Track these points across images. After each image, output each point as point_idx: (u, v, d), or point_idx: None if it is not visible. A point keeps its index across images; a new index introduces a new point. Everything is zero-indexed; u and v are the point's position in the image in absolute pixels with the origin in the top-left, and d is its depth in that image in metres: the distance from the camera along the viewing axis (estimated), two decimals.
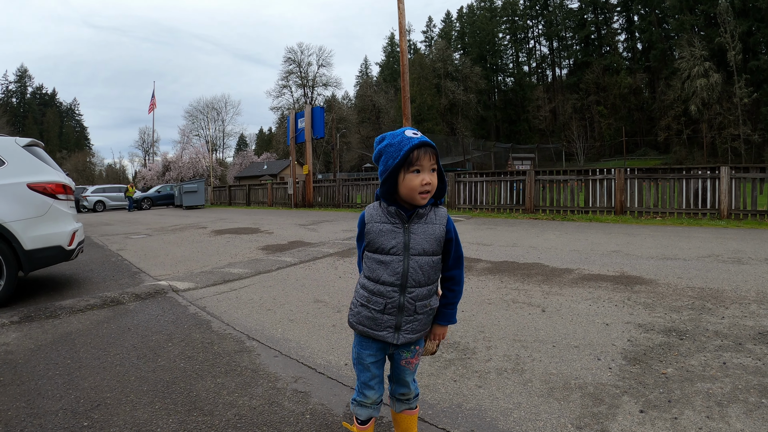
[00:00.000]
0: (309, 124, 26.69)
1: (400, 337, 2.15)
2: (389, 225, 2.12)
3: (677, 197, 14.34)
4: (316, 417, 2.81)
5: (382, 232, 2.12)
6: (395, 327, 2.14)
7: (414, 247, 2.10)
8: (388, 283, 2.11)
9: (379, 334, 2.15)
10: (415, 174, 2.04)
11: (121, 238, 13.26)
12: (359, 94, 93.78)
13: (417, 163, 2.03)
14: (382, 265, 2.12)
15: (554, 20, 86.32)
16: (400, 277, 2.10)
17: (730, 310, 4.61)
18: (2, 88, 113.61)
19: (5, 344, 4.31)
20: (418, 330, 2.18)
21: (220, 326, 4.74)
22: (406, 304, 2.12)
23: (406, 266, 2.10)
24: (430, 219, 2.13)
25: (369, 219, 2.17)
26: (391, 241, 2.10)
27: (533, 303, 5.14)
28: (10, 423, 2.82)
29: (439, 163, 2.10)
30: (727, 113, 53.94)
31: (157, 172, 64.01)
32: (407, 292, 2.12)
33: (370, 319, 2.16)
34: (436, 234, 2.12)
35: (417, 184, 2.03)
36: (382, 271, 2.12)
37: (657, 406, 2.76)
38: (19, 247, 5.78)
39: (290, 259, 8.45)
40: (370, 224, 2.16)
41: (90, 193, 38.35)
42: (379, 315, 2.14)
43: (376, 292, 2.14)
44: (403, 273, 2.10)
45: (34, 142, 6.60)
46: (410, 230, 2.11)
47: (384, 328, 2.14)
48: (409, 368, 2.26)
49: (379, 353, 2.23)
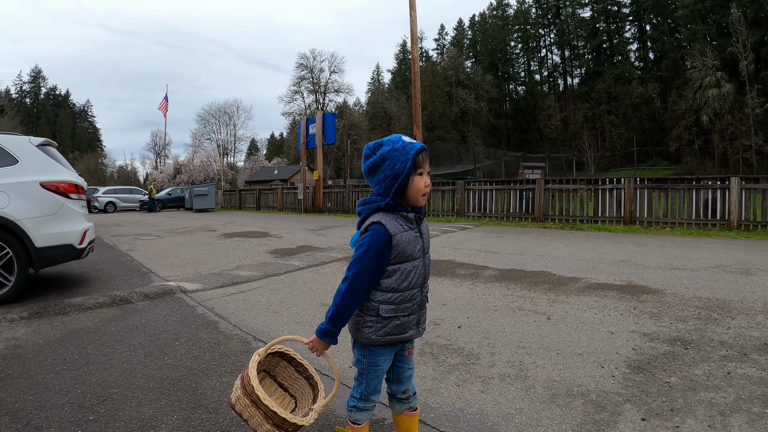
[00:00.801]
0: (320, 129, 26.78)
1: (420, 329, 2.26)
2: (411, 231, 2.15)
3: (687, 208, 14.26)
4: (319, 417, 2.84)
5: (408, 240, 2.13)
6: (417, 323, 2.23)
7: (426, 247, 2.23)
8: (414, 285, 2.18)
9: (405, 336, 2.20)
10: (420, 176, 2.11)
11: (132, 238, 13.36)
12: (370, 100, 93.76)
13: (423, 165, 2.10)
14: (412, 272, 2.16)
15: (566, 29, 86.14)
16: (422, 278, 2.21)
17: (736, 320, 4.60)
18: (16, 88, 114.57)
19: (14, 339, 4.38)
20: (426, 319, 2.31)
21: (227, 327, 4.78)
22: (423, 300, 2.25)
23: (425, 265, 2.22)
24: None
25: (395, 231, 2.10)
26: (416, 246, 2.17)
27: (539, 311, 5.15)
28: (17, 415, 2.87)
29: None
30: (739, 123, 53.54)
31: (168, 175, 64.30)
32: (423, 288, 2.24)
33: (399, 326, 2.18)
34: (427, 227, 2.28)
35: (422, 185, 2.12)
36: (411, 276, 2.16)
37: (659, 415, 2.76)
38: (30, 245, 5.85)
39: (298, 263, 8.49)
40: (398, 235, 2.10)
41: (101, 194, 38.70)
42: (406, 318, 2.18)
43: (404, 299, 2.16)
44: (425, 273, 2.22)
45: (47, 142, 6.69)
46: (421, 232, 2.20)
47: (410, 329, 2.21)
48: (411, 358, 2.32)
49: (393, 355, 2.29)
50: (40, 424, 2.76)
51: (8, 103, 75.28)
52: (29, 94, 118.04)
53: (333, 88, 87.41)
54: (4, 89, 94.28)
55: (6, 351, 4.04)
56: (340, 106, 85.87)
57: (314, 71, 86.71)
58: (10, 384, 3.33)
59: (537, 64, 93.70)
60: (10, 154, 6.07)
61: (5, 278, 5.75)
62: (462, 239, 12.14)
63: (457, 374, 3.46)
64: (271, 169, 72.73)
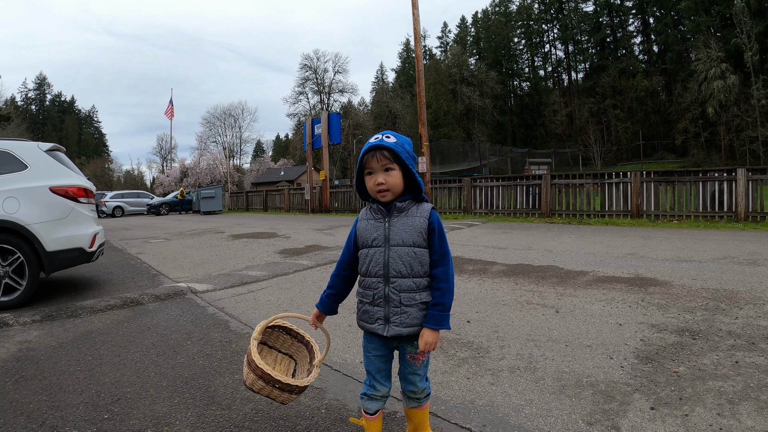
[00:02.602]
0: (326, 130, 26.85)
1: (389, 329, 2.21)
2: (373, 220, 2.29)
3: (693, 200, 14.24)
4: (331, 411, 2.88)
5: (366, 228, 2.30)
6: (384, 319, 2.22)
7: (393, 238, 2.22)
8: (373, 274, 2.24)
9: (371, 327, 2.25)
10: (369, 176, 2.23)
11: (140, 242, 13.43)
12: (375, 100, 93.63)
13: (368, 165, 2.22)
14: (368, 258, 2.26)
15: (569, 24, 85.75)
16: (382, 267, 2.22)
17: (744, 310, 4.61)
18: (21, 95, 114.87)
19: (27, 341, 4.43)
20: (409, 324, 2.21)
21: (238, 326, 4.82)
22: (390, 294, 2.21)
23: (386, 257, 2.22)
24: (411, 213, 2.25)
25: (360, 218, 2.37)
26: (373, 234, 2.26)
27: (547, 304, 5.17)
28: (32, 415, 2.91)
29: (404, 161, 2.20)
30: (745, 115, 53.24)
31: (174, 179, 64.44)
32: (390, 282, 2.21)
33: (365, 312, 2.28)
34: (416, 225, 2.22)
35: (372, 184, 2.23)
36: (368, 263, 2.26)
37: (668, 404, 2.78)
38: (41, 249, 5.91)
39: (307, 262, 8.53)
40: (360, 222, 2.35)
41: (109, 198, 38.84)
42: (370, 307, 2.26)
43: (366, 285, 2.28)
44: (385, 263, 2.22)
45: (56, 147, 6.75)
46: (390, 223, 2.24)
47: (375, 320, 2.24)
48: (416, 364, 2.30)
49: (383, 348, 2.31)
50: (56, 423, 2.80)
51: (14, 110, 75.49)
52: (35, 101, 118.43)
53: (337, 88, 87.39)
54: (9, 97, 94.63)
55: (19, 353, 4.09)
56: (345, 106, 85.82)
57: (318, 72, 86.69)
58: (25, 385, 3.38)
59: (541, 59, 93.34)
60: (19, 159, 6.13)
61: (17, 282, 5.81)
62: (469, 235, 12.16)
63: (467, 367, 3.49)
64: (277, 171, 72.82)
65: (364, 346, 2.35)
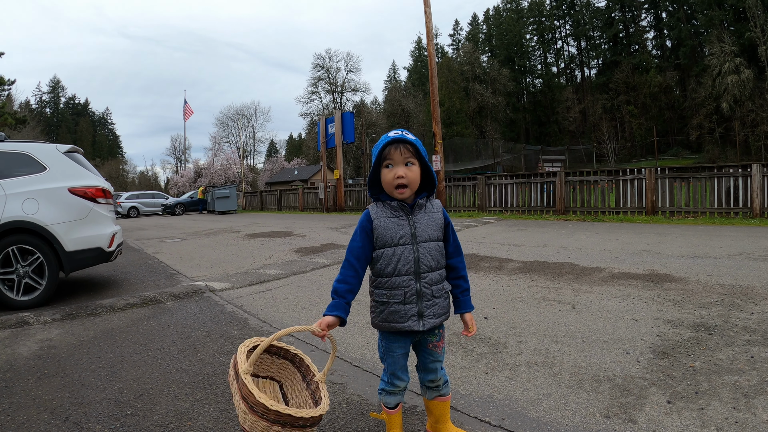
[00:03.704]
0: (339, 129, 26.92)
1: (425, 323, 2.24)
2: (395, 218, 2.26)
3: (709, 196, 14.14)
4: (352, 406, 2.92)
5: (389, 226, 2.25)
6: (419, 314, 2.24)
7: (421, 235, 2.24)
8: (404, 272, 2.23)
9: (405, 325, 2.23)
10: (388, 169, 2.20)
11: (157, 242, 13.56)
12: (388, 98, 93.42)
13: (389, 157, 2.19)
14: (395, 257, 2.23)
15: (581, 20, 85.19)
16: (413, 265, 2.22)
17: (759, 306, 4.60)
18: (36, 99, 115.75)
19: (48, 339, 4.51)
20: (439, 314, 2.28)
21: (257, 323, 4.88)
22: (423, 289, 2.23)
23: (416, 253, 2.23)
24: (428, 209, 2.30)
25: (375, 216, 2.28)
26: (399, 232, 2.24)
27: (563, 300, 5.18)
28: (55, 411, 2.97)
29: (423, 157, 2.22)
30: (760, 110, 52.59)
31: (189, 179, 64.77)
32: (421, 278, 2.23)
33: (393, 312, 2.24)
34: (437, 221, 2.31)
35: (390, 177, 2.19)
36: (396, 262, 2.23)
37: (684, 398, 2.80)
38: (60, 249, 6.01)
39: (323, 260, 8.59)
40: (376, 220, 2.27)
41: (124, 199, 39.15)
42: (400, 306, 2.23)
43: (392, 285, 2.24)
44: (415, 260, 2.22)
45: (74, 149, 6.85)
46: (414, 220, 2.25)
47: (408, 318, 2.23)
48: (437, 351, 2.36)
49: (407, 344, 2.35)
50: (79, 419, 2.86)
51: (29, 113, 76.26)
52: (49, 104, 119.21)
53: (350, 87, 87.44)
54: (24, 100, 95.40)
55: (41, 351, 4.16)
56: (358, 105, 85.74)
57: (330, 71, 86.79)
58: (47, 383, 3.44)
59: (553, 56, 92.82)
60: (38, 161, 6.23)
61: (37, 282, 5.91)
62: (485, 233, 12.16)
63: (485, 362, 3.52)
64: (291, 170, 72.94)
65: (386, 347, 2.34)
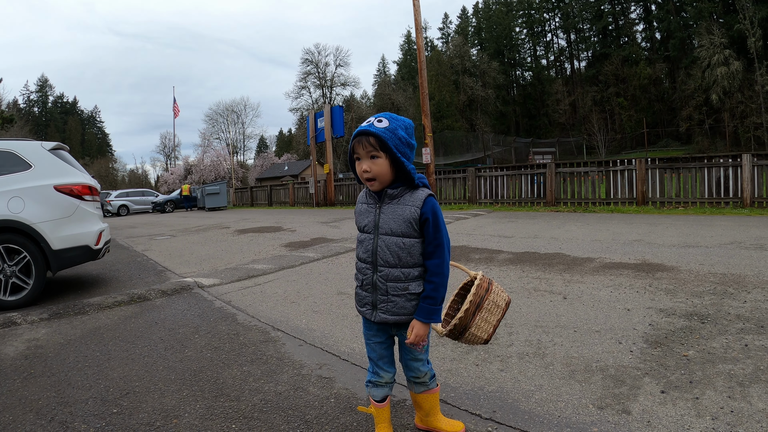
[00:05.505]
0: (329, 123, 26.82)
1: (376, 315, 2.22)
2: (366, 205, 2.27)
3: (699, 186, 14.16)
4: (340, 400, 2.88)
5: (361, 212, 2.31)
6: (372, 305, 2.22)
7: (382, 227, 2.19)
8: (362, 259, 2.26)
9: (361, 310, 2.29)
10: (358, 161, 2.18)
11: (146, 239, 13.47)
12: (378, 92, 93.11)
13: (356, 151, 2.17)
14: (360, 243, 2.27)
15: (571, 12, 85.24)
16: (370, 255, 2.21)
17: (752, 294, 4.59)
18: (23, 98, 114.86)
19: (35, 339, 4.45)
20: (396, 313, 2.18)
21: (246, 318, 4.82)
22: (377, 282, 2.20)
23: (375, 244, 2.20)
24: (403, 201, 2.17)
25: (359, 200, 2.36)
26: (365, 220, 2.26)
27: (554, 291, 5.15)
28: (41, 411, 2.92)
29: (392, 149, 2.08)
30: (749, 101, 52.86)
31: (179, 176, 64.58)
32: (378, 270, 2.19)
33: (357, 294, 2.31)
34: (405, 215, 2.14)
35: (359, 171, 2.17)
36: (360, 248, 2.27)
37: (678, 387, 2.77)
38: (47, 247, 5.93)
39: (313, 254, 8.53)
40: (357, 205, 2.35)
41: (114, 197, 38.99)
42: (359, 291, 2.29)
43: (357, 268, 2.30)
44: (373, 251, 2.20)
45: (59, 146, 6.76)
46: (381, 210, 2.20)
47: (364, 305, 2.26)
48: (416, 349, 2.28)
49: (381, 333, 2.30)
50: (65, 419, 2.81)
51: (17, 113, 75.71)
52: (37, 104, 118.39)
53: (339, 81, 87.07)
54: (12, 100, 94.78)
55: (28, 351, 4.10)
56: (348, 99, 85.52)
57: (320, 66, 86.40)
58: (33, 383, 3.39)
59: (543, 48, 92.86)
60: (23, 159, 6.14)
61: (24, 282, 5.83)
62: (475, 225, 12.14)
63: (475, 354, 3.48)
64: (281, 165, 72.79)
65: (364, 333, 2.36)
